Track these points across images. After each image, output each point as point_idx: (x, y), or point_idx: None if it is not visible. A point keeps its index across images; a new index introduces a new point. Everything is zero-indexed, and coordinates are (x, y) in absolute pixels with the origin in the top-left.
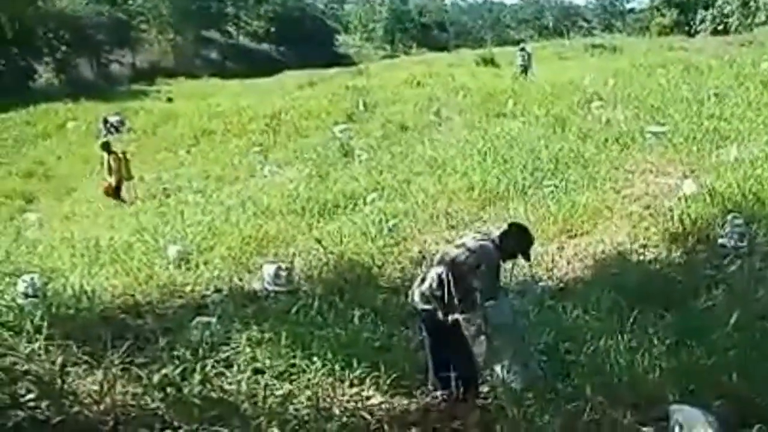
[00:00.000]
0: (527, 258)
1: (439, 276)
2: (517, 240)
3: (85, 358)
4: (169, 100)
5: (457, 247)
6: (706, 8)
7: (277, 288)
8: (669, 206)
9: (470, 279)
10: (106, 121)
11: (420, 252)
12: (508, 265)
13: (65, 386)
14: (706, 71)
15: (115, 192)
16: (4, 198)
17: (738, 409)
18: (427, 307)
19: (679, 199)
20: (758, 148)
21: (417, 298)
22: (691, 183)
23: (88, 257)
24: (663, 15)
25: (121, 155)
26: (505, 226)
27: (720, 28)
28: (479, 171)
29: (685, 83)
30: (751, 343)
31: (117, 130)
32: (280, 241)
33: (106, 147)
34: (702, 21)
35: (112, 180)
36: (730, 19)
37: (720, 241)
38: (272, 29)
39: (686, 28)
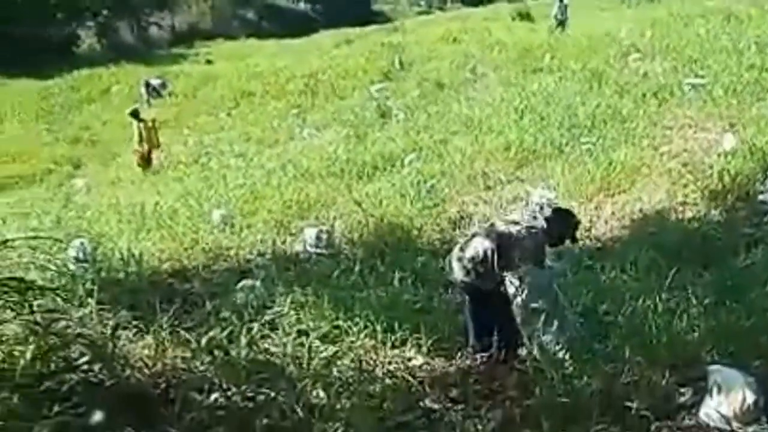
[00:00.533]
0: (574, 241)
1: (485, 251)
2: (563, 225)
3: (135, 322)
4: (208, 62)
5: (506, 223)
6: None
7: (318, 251)
8: (708, 163)
9: (513, 253)
10: (148, 85)
11: (458, 212)
12: None
13: (117, 350)
14: (747, 20)
15: (146, 161)
16: (53, 164)
17: None
18: (466, 279)
19: (719, 155)
20: None
21: (456, 267)
22: (731, 137)
23: (134, 222)
24: None
25: (150, 123)
26: (549, 212)
27: None
28: (516, 129)
29: (725, 33)
30: None
31: (158, 93)
32: (320, 204)
33: (135, 115)
34: None
35: (144, 148)
36: None
37: (760, 197)
38: None
39: None
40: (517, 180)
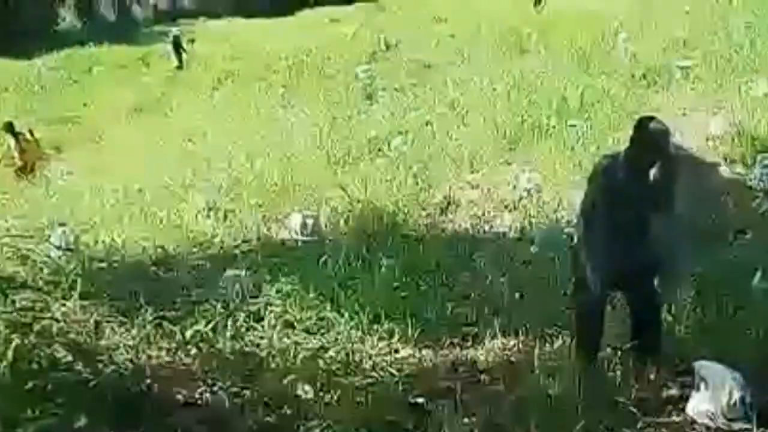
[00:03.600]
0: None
1: None
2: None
3: (119, 316)
4: (191, 41)
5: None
6: None
7: (304, 238)
8: (697, 147)
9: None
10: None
11: (445, 198)
12: None
13: (100, 345)
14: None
15: (29, 172)
16: None
17: (766, 366)
18: None
19: (707, 139)
20: None
21: None
22: (719, 120)
23: (117, 208)
24: None
25: (28, 134)
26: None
27: None
28: (503, 111)
29: (713, 12)
30: None
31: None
32: (305, 190)
33: (10, 129)
34: None
35: (23, 162)
36: None
37: (749, 183)
38: None
39: None
40: (505, 163)
